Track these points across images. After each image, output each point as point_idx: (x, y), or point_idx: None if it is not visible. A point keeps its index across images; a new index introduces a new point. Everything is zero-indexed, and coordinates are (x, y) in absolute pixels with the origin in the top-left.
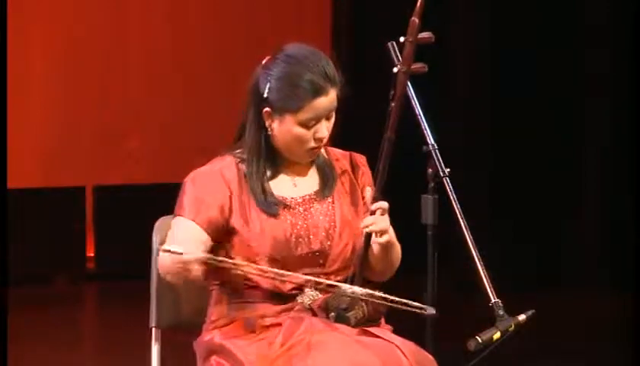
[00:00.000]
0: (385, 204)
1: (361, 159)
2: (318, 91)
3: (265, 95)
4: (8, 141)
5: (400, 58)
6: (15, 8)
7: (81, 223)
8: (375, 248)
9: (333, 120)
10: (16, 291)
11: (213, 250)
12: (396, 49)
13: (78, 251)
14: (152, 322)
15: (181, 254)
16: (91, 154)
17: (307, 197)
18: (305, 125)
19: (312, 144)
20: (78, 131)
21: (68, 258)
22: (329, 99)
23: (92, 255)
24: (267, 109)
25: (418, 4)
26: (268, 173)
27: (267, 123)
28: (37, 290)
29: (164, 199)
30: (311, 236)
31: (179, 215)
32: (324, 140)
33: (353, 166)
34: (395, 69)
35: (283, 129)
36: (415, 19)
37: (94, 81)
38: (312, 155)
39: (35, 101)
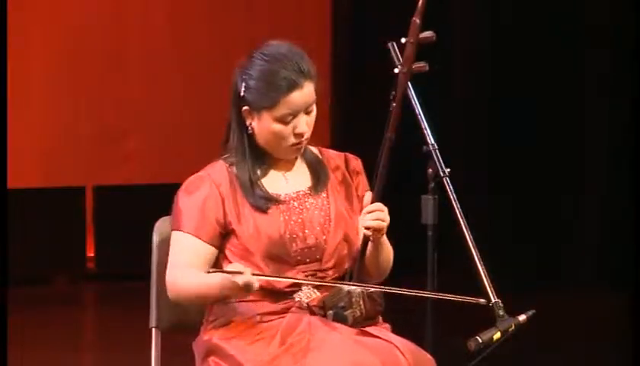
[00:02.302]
0: (379, 205)
1: (355, 160)
2: (291, 86)
3: (242, 94)
4: (8, 141)
5: (400, 58)
6: (15, 8)
7: (81, 223)
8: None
9: (314, 114)
10: (16, 291)
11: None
12: (396, 49)
13: (78, 251)
14: (152, 323)
15: (241, 273)
16: (91, 154)
17: (301, 192)
18: (283, 121)
19: (293, 140)
20: (78, 131)
21: (68, 258)
22: (304, 93)
23: (92, 255)
24: (245, 108)
25: (419, 4)
26: (258, 172)
27: (247, 122)
28: (37, 290)
29: (164, 199)
30: (306, 231)
31: (177, 230)
32: (306, 135)
33: (348, 166)
34: (396, 70)
35: (261, 126)
36: (416, 19)
37: (94, 82)
38: (294, 151)
39: (35, 101)
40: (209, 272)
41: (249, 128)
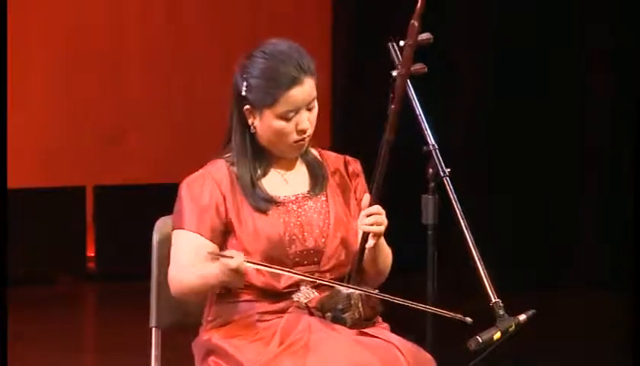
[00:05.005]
0: (378, 208)
1: (355, 162)
2: (291, 82)
3: (243, 93)
4: (8, 141)
5: (400, 59)
6: (15, 7)
7: (81, 223)
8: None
9: (316, 111)
10: (16, 291)
11: None
12: (396, 49)
13: (78, 251)
14: (152, 322)
15: (232, 258)
16: (91, 154)
17: (300, 195)
18: (284, 117)
19: (295, 136)
20: (78, 131)
21: (69, 258)
22: (305, 89)
23: (92, 255)
24: (247, 107)
25: (418, 7)
26: (258, 172)
27: (249, 121)
28: (38, 290)
29: (164, 199)
30: (305, 234)
31: (180, 228)
32: (308, 132)
33: (347, 169)
34: (395, 73)
35: (264, 125)
36: (415, 22)
37: (95, 81)
38: (297, 148)
39: (35, 101)
40: (209, 254)
41: (251, 127)
